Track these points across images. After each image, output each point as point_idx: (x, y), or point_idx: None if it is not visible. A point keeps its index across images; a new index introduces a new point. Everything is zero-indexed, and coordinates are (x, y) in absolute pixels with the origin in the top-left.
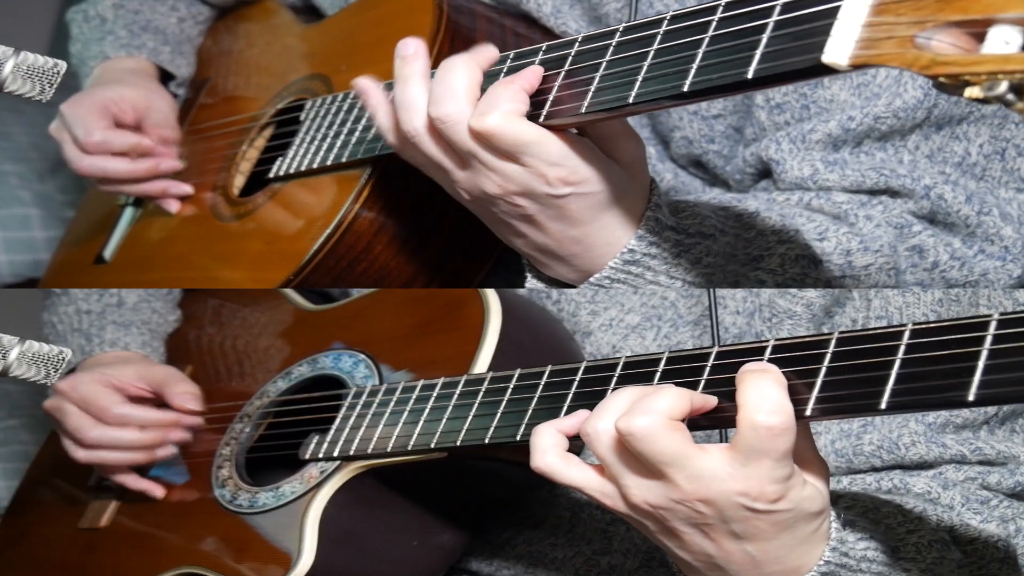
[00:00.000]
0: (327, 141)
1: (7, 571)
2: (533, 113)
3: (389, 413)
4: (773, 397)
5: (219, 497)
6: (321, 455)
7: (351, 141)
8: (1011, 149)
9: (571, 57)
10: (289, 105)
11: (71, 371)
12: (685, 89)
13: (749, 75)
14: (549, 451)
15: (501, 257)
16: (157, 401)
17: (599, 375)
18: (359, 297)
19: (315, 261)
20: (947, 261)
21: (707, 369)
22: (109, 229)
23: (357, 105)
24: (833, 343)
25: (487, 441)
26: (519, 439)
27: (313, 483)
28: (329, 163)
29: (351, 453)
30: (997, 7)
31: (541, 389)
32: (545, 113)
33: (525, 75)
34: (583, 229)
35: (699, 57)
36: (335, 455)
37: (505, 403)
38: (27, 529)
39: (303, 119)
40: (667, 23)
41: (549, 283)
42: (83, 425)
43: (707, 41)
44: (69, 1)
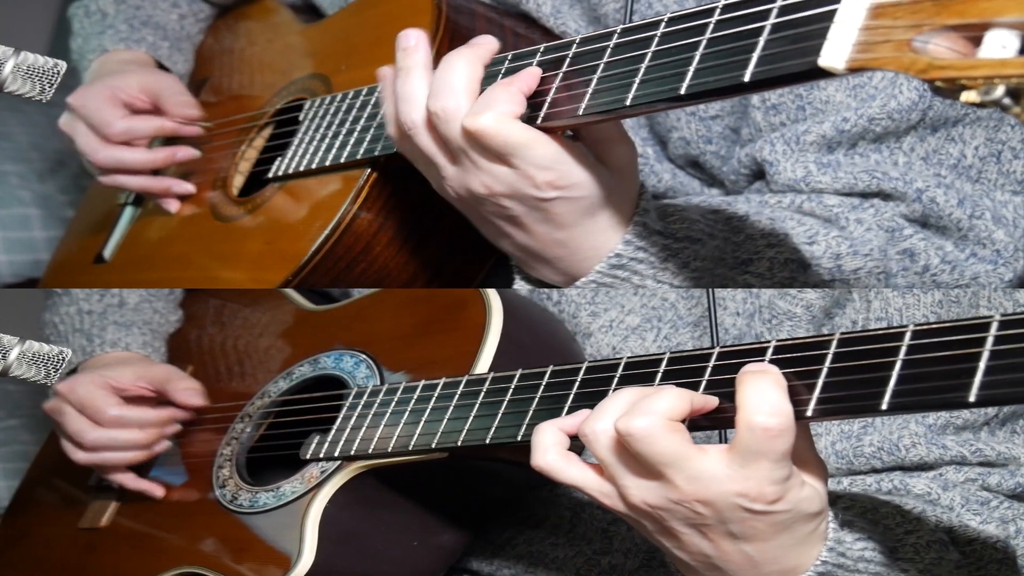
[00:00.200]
0: (326, 141)
1: (7, 571)
2: (530, 115)
3: (390, 413)
4: (771, 399)
5: (219, 497)
6: (322, 455)
7: (350, 142)
8: (1007, 151)
9: (569, 59)
10: (288, 105)
11: (72, 372)
12: (682, 92)
13: (746, 78)
14: (550, 449)
15: (501, 257)
16: (155, 400)
17: (600, 375)
18: (360, 297)
19: (314, 261)
20: (938, 265)
21: (708, 370)
22: (109, 228)
23: (356, 106)
24: (834, 344)
25: (488, 441)
26: (520, 439)
27: (314, 483)
28: (328, 163)
29: (352, 453)
30: (994, 11)
31: (542, 389)
32: (542, 115)
33: (523, 77)
34: (568, 232)
35: (696, 60)
36: (336, 455)
37: (506, 403)
38: (27, 529)
39: (302, 119)
40: (664, 25)
41: (536, 284)
42: (81, 428)
43: (704, 44)
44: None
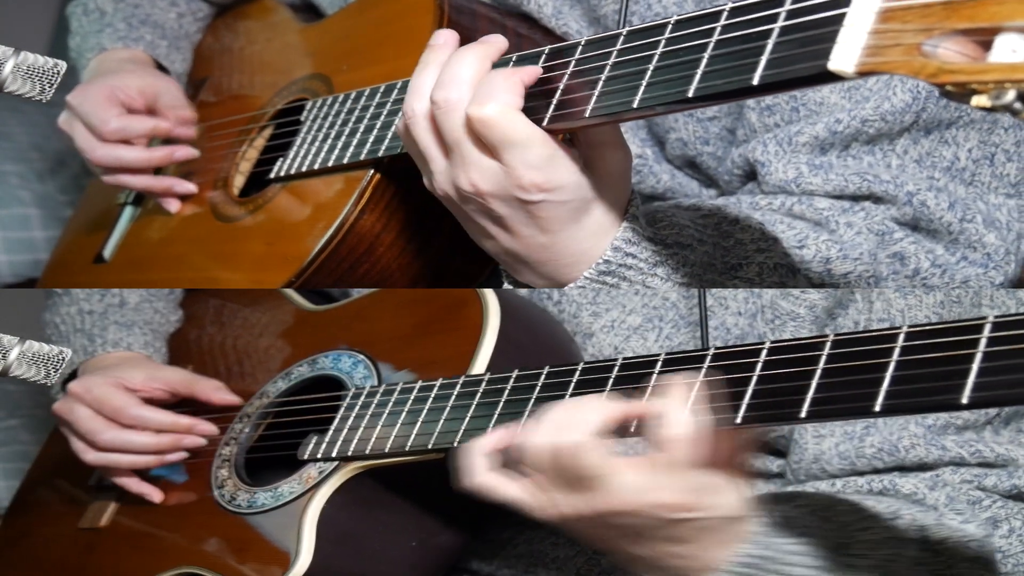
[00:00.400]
0: (328, 142)
1: (7, 571)
2: (536, 116)
3: (387, 413)
4: (681, 412)
5: (218, 497)
6: (320, 455)
7: (352, 143)
8: (1000, 154)
9: (574, 61)
10: (289, 105)
11: (74, 372)
12: (690, 95)
13: (755, 81)
14: (478, 470)
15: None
16: (168, 404)
17: (596, 376)
18: (359, 297)
19: (317, 263)
20: (928, 268)
21: (702, 371)
22: (108, 228)
23: (359, 107)
24: (828, 345)
25: None
26: None
27: (311, 483)
28: (330, 164)
29: (349, 453)
30: (1004, 15)
31: (539, 390)
32: (548, 116)
33: (526, 70)
34: (551, 237)
35: (704, 62)
36: (333, 455)
37: (503, 404)
38: (27, 529)
39: (304, 119)
40: (671, 28)
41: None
42: (96, 427)
43: (712, 46)
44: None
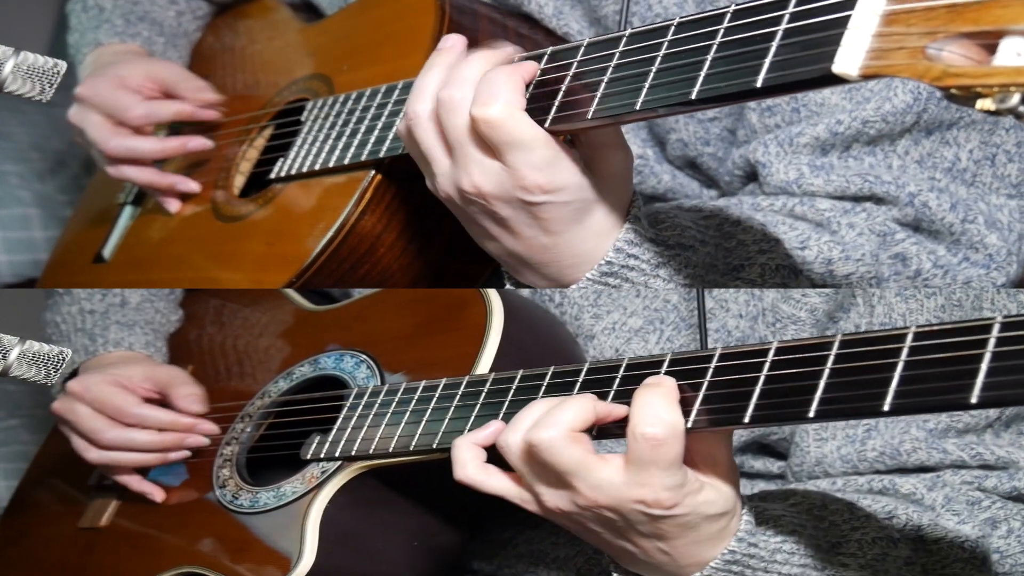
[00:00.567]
0: (329, 143)
1: (7, 571)
2: (539, 118)
3: (391, 414)
4: (654, 410)
5: (220, 497)
6: (322, 455)
7: (353, 143)
8: (1001, 155)
9: (577, 62)
10: (290, 105)
11: (75, 372)
12: (693, 97)
13: (758, 84)
14: (469, 463)
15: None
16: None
17: (602, 376)
18: (361, 298)
19: (317, 264)
20: (930, 269)
21: (710, 371)
22: (108, 228)
23: (360, 107)
24: (836, 345)
25: None
26: None
27: (314, 483)
28: (331, 165)
29: (352, 453)
30: (1009, 19)
31: (544, 391)
32: (551, 118)
33: (526, 67)
34: (554, 238)
35: (707, 64)
36: (336, 455)
37: (507, 404)
38: (27, 529)
39: (304, 120)
40: (674, 30)
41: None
42: (99, 427)
43: (715, 48)
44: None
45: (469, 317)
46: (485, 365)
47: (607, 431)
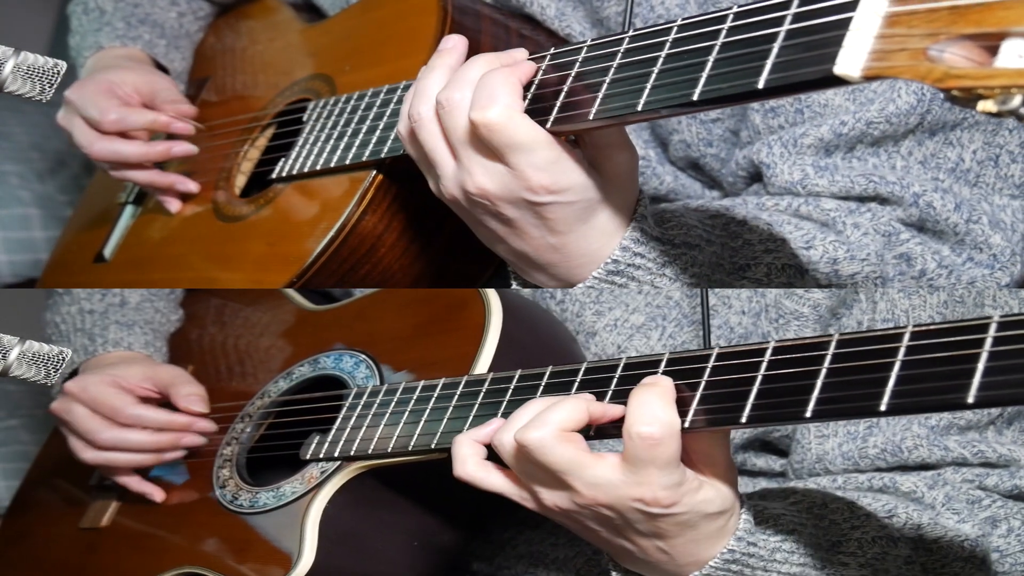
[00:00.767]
0: (330, 143)
1: (7, 571)
2: (540, 119)
3: (390, 414)
4: (650, 410)
5: (220, 497)
6: (322, 455)
7: (355, 144)
8: (1004, 155)
9: (578, 63)
10: (291, 105)
11: (74, 371)
12: (695, 98)
13: (760, 85)
14: (468, 460)
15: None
16: (165, 402)
17: (599, 376)
18: (360, 297)
19: (318, 264)
20: (935, 269)
21: (707, 371)
22: (109, 228)
23: (361, 108)
24: (833, 345)
25: None
26: None
27: (314, 483)
28: (332, 165)
29: (352, 453)
30: (1011, 20)
31: (542, 390)
32: (552, 119)
33: (522, 67)
34: (561, 238)
35: (709, 66)
36: (336, 455)
37: (506, 404)
38: (28, 529)
39: (306, 120)
40: (676, 31)
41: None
42: (95, 427)
43: (717, 49)
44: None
45: (468, 317)
46: (484, 365)
47: (604, 431)
